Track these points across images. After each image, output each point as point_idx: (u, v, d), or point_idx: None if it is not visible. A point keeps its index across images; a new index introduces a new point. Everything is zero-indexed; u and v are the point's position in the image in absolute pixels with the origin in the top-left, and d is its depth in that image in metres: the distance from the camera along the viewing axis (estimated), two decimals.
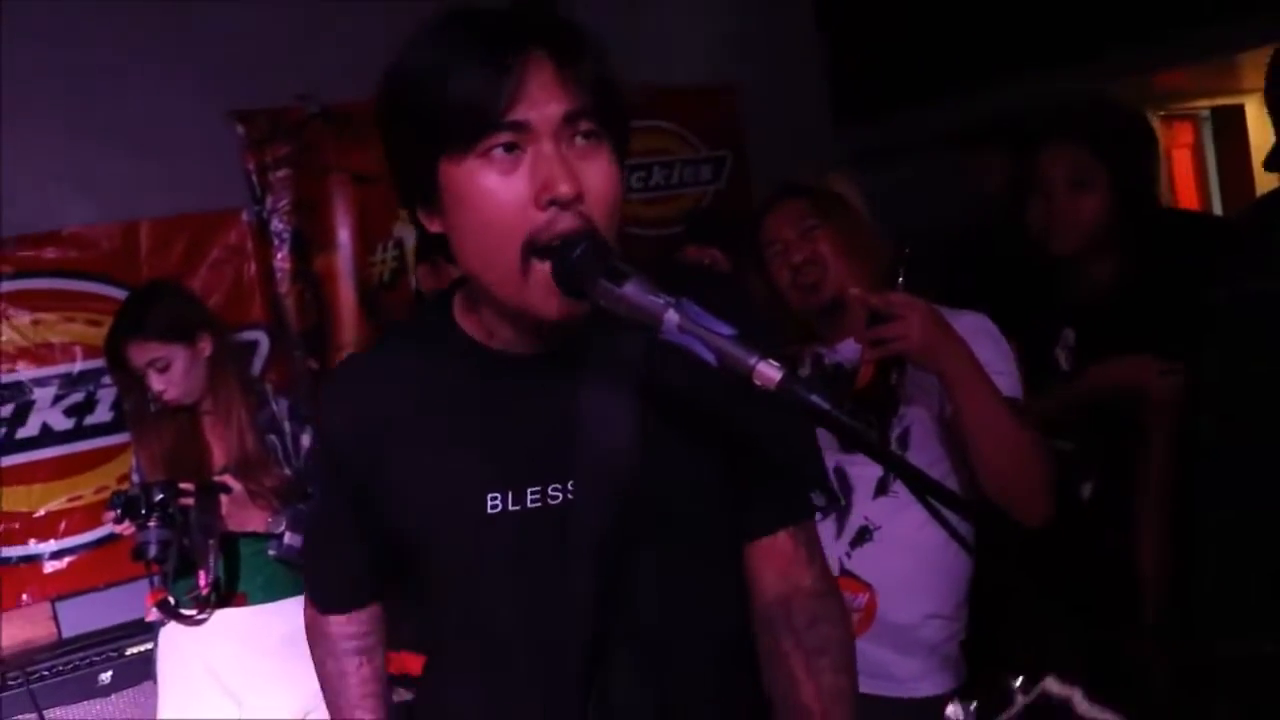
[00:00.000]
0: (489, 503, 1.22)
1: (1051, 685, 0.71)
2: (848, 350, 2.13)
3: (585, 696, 1.23)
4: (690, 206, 4.47)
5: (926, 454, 1.99)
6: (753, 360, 0.99)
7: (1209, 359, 2.05)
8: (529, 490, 1.22)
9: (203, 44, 3.54)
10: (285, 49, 3.61)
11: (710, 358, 1.00)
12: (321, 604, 1.52)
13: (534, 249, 1.10)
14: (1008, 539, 1.89)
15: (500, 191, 1.09)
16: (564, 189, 1.07)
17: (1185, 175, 4.79)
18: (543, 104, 1.08)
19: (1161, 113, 3.72)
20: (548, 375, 1.24)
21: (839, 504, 2.07)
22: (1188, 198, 4.76)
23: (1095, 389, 2.27)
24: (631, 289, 1.05)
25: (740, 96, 4.58)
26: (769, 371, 0.98)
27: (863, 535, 2.03)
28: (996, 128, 3.29)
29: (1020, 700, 0.72)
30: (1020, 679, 0.74)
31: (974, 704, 0.76)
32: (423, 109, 1.11)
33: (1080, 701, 0.70)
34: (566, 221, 1.09)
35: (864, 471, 2.04)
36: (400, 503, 1.29)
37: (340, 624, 1.50)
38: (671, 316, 1.02)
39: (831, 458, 2.09)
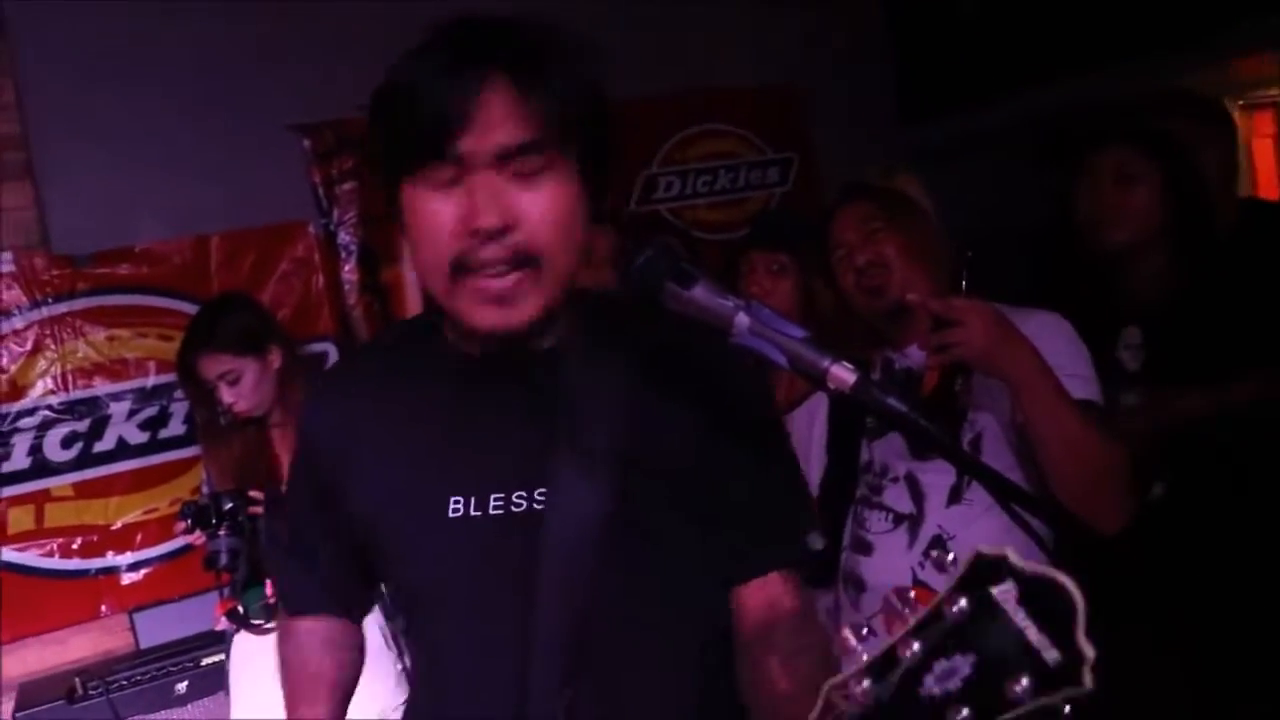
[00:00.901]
0: (451, 506, 1.22)
1: (984, 549, 0.73)
2: (917, 355, 2.07)
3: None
4: (757, 210, 4.41)
5: (999, 461, 1.92)
6: (826, 363, 0.97)
7: None
8: (493, 496, 1.21)
9: (268, 57, 3.58)
10: (349, 61, 3.63)
11: (782, 360, 0.98)
12: (290, 606, 1.51)
13: (461, 268, 1.13)
14: (1090, 545, 1.82)
15: (437, 214, 1.13)
16: (484, 222, 1.10)
17: (1266, 165, 4.65)
18: (486, 133, 1.10)
19: (1241, 101, 3.60)
20: (529, 381, 1.24)
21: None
22: (1268, 188, 4.61)
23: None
24: (700, 292, 1.04)
25: (804, 97, 4.52)
26: (843, 375, 0.96)
27: (937, 545, 1.97)
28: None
29: (957, 568, 0.74)
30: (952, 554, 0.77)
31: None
32: (389, 134, 1.16)
33: (1013, 555, 0.72)
34: (491, 250, 1.12)
35: (937, 479, 1.99)
36: (365, 503, 1.29)
37: (309, 625, 1.49)
38: (743, 319, 1.01)
39: (903, 465, 2.04)
